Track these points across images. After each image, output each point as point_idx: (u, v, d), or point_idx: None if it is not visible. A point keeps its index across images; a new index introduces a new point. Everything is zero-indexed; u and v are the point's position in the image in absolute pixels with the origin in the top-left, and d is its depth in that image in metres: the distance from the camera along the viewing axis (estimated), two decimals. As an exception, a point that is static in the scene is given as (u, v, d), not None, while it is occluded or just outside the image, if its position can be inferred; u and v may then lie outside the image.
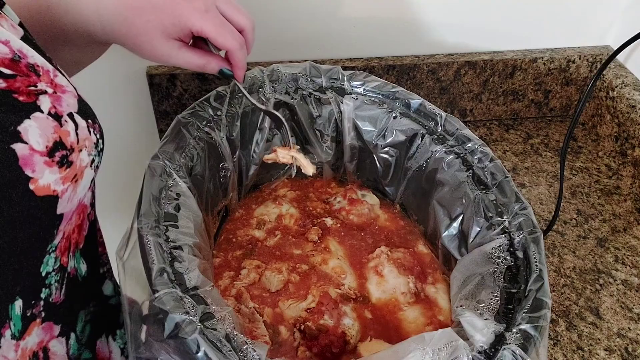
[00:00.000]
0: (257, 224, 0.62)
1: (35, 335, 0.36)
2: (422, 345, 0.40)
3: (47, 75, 0.35)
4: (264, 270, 0.55)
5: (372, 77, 0.63)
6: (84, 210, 0.41)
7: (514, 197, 0.51)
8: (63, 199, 0.34)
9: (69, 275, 0.39)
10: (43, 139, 0.33)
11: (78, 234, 0.40)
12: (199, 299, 0.40)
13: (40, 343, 0.36)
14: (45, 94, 0.34)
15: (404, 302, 0.55)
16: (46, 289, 0.36)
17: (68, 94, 0.36)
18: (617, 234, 0.74)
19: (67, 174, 0.34)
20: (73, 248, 0.40)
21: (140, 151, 0.87)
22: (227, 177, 0.59)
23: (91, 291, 0.44)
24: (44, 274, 0.36)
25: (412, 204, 0.64)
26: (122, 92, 0.83)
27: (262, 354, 0.38)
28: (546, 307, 0.42)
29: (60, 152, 0.34)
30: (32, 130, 0.32)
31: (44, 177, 0.32)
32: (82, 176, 0.36)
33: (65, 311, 0.39)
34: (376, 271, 0.57)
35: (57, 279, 0.37)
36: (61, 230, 0.37)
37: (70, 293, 0.39)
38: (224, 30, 0.47)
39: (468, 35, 0.87)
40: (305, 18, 0.82)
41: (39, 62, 0.35)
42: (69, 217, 0.37)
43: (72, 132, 0.35)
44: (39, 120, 0.33)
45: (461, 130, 0.58)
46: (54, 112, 0.34)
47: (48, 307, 0.37)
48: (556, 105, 0.94)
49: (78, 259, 0.41)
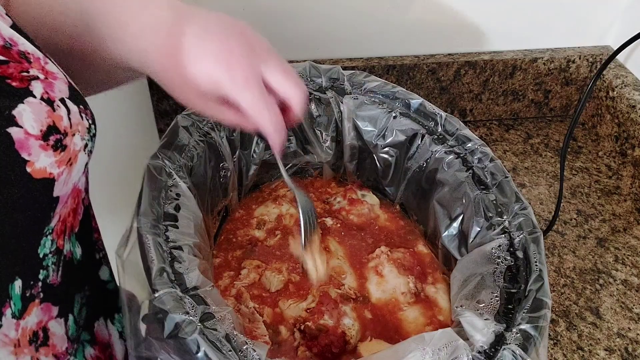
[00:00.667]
0: (257, 224, 0.62)
1: (34, 315, 0.36)
2: (422, 345, 0.40)
3: (38, 62, 0.36)
4: (264, 270, 0.55)
5: (372, 77, 0.63)
6: (79, 194, 0.41)
7: (514, 197, 0.51)
8: (59, 182, 0.35)
9: (65, 258, 0.40)
10: (37, 123, 0.33)
11: (73, 218, 0.41)
12: (199, 299, 0.40)
13: (39, 323, 0.37)
14: (37, 79, 0.35)
15: (404, 302, 0.55)
16: (44, 271, 0.37)
17: (59, 81, 0.37)
18: (617, 234, 0.74)
19: (62, 158, 0.35)
20: (69, 231, 0.40)
21: (139, 151, 0.87)
22: (227, 177, 0.59)
23: (87, 275, 0.44)
24: (42, 256, 0.36)
25: (412, 204, 0.63)
26: (121, 91, 0.83)
27: (262, 354, 0.38)
28: (546, 307, 0.42)
29: (55, 136, 0.34)
30: (26, 114, 0.33)
31: (39, 160, 0.33)
32: (76, 160, 0.37)
33: (62, 293, 0.40)
34: (376, 271, 0.57)
35: (54, 261, 0.38)
36: (57, 213, 0.37)
37: (67, 276, 0.40)
38: (259, 106, 0.42)
39: (468, 35, 0.87)
40: (305, 18, 0.82)
41: (29, 50, 0.35)
42: (65, 200, 0.37)
43: (65, 116, 0.36)
44: (33, 104, 0.33)
45: (461, 130, 0.58)
46: (46, 97, 0.35)
47: (46, 288, 0.37)
48: (556, 105, 0.94)
49: (74, 242, 0.42)
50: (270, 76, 0.43)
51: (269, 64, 0.43)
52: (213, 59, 0.41)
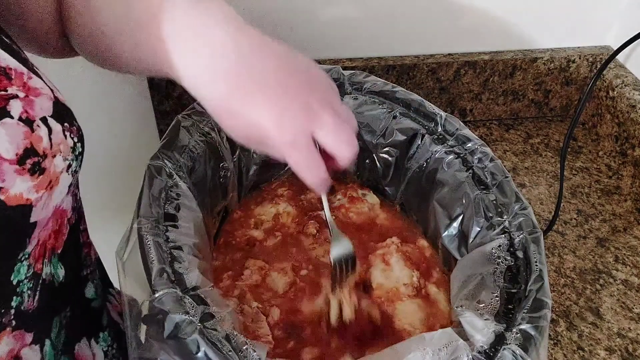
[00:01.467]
0: (255, 224, 0.62)
1: (4, 344, 0.35)
2: (422, 345, 0.40)
3: (20, 77, 0.34)
4: (267, 271, 0.55)
5: (372, 77, 0.63)
6: (63, 215, 0.40)
7: (514, 197, 0.51)
8: (37, 207, 0.33)
9: (43, 282, 0.38)
10: (13, 146, 0.31)
11: (55, 239, 0.39)
12: (199, 299, 0.40)
13: (10, 352, 0.36)
14: (17, 98, 0.33)
15: (405, 294, 0.55)
16: (17, 297, 0.35)
17: (42, 97, 0.35)
18: (617, 234, 0.74)
19: (40, 182, 0.33)
20: (49, 254, 0.39)
21: (140, 151, 0.87)
22: (227, 177, 0.59)
23: (70, 295, 0.43)
24: (15, 282, 0.35)
25: (412, 204, 0.63)
26: (122, 92, 0.83)
27: (262, 354, 0.38)
28: (546, 307, 0.42)
29: (32, 159, 0.33)
30: (1, 137, 0.31)
31: (15, 186, 0.31)
32: (57, 182, 0.35)
33: (37, 318, 0.38)
34: (383, 259, 0.57)
35: (29, 286, 0.36)
36: (35, 237, 0.35)
37: (45, 299, 0.38)
38: (304, 165, 0.41)
39: (468, 35, 0.87)
40: (305, 18, 0.82)
41: (11, 65, 0.34)
42: (44, 224, 0.36)
43: (45, 137, 0.34)
44: (8, 126, 0.32)
45: (461, 130, 0.58)
46: (25, 116, 0.33)
47: (19, 315, 0.36)
48: (556, 105, 0.94)
49: (55, 264, 0.40)
50: (321, 137, 0.41)
51: (323, 121, 0.41)
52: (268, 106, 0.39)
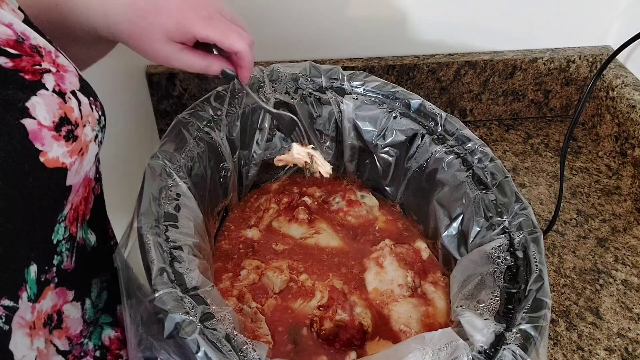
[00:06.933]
0: (252, 224, 0.62)
1: (49, 299, 0.38)
2: (422, 345, 0.40)
3: (49, 55, 0.37)
4: (264, 270, 0.56)
5: (372, 77, 0.63)
6: (90, 183, 0.43)
7: (514, 197, 0.51)
8: (71, 171, 0.36)
9: (78, 245, 0.41)
10: (50, 115, 0.35)
11: (85, 206, 0.42)
12: (199, 299, 0.40)
13: (54, 307, 0.38)
14: (49, 72, 0.36)
15: (399, 295, 0.55)
16: (58, 256, 0.38)
17: (70, 73, 0.38)
18: (617, 234, 0.74)
19: (73, 148, 0.36)
20: (81, 219, 0.42)
21: (140, 151, 0.87)
22: (227, 177, 0.59)
23: (102, 261, 0.45)
24: (55, 242, 0.38)
25: (412, 204, 0.64)
26: (121, 90, 0.83)
27: (262, 354, 0.38)
28: (546, 307, 0.42)
29: (66, 127, 0.36)
30: (39, 106, 0.34)
31: (52, 150, 0.34)
32: (87, 150, 0.38)
33: (77, 278, 0.41)
34: (377, 262, 0.57)
35: (67, 247, 0.39)
36: (70, 201, 0.38)
37: (81, 261, 0.41)
38: (230, 33, 0.48)
39: (468, 35, 0.87)
40: (305, 18, 0.82)
41: (41, 44, 0.37)
42: (77, 189, 0.39)
43: (76, 108, 0.37)
44: (45, 97, 0.35)
45: (461, 130, 0.58)
46: (57, 89, 0.36)
47: (60, 273, 0.39)
48: (556, 105, 0.94)
49: (86, 229, 0.43)
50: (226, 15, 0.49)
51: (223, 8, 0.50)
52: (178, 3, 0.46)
